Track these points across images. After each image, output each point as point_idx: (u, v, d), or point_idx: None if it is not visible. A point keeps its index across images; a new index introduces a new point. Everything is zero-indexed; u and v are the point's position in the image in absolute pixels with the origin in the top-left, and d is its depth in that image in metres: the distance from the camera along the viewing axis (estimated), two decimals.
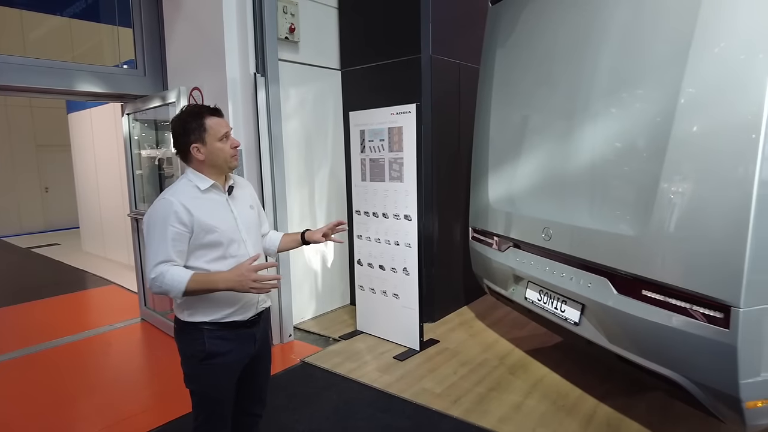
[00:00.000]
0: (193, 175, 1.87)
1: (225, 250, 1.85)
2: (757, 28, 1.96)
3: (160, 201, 1.81)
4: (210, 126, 1.82)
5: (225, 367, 1.90)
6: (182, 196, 1.81)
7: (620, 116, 2.56)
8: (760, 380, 2.06)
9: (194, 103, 1.91)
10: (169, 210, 1.76)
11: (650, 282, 2.35)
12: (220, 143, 1.84)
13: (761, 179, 1.92)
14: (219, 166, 1.88)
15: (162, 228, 1.76)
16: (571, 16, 2.95)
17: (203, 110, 1.84)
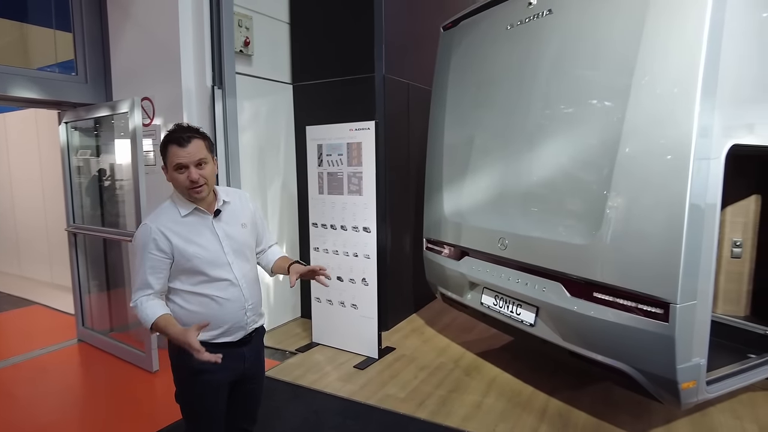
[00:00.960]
0: (177, 198, 1.86)
1: (209, 275, 1.84)
2: (685, 67, 2.33)
3: (142, 226, 1.82)
4: (169, 154, 1.77)
5: (213, 384, 1.91)
6: (163, 220, 1.81)
7: (573, 139, 2.88)
8: (692, 364, 2.42)
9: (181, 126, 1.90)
10: (148, 237, 1.78)
11: (600, 285, 2.66)
12: (176, 173, 1.78)
13: (692, 196, 2.28)
14: (184, 193, 1.82)
15: (141, 254, 1.79)
16: (516, 48, 3.27)
17: (169, 137, 1.78)
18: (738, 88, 2.43)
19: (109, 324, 4.67)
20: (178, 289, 1.85)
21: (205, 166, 1.80)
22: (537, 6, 3.10)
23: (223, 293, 1.87)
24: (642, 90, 2.48)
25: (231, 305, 1.88)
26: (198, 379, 1.87)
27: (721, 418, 3.08)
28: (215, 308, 1.86)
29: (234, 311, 1.90)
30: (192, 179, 1.76)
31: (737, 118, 2.45)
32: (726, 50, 2.30)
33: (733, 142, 2.38)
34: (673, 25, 2.37)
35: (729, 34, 2.29)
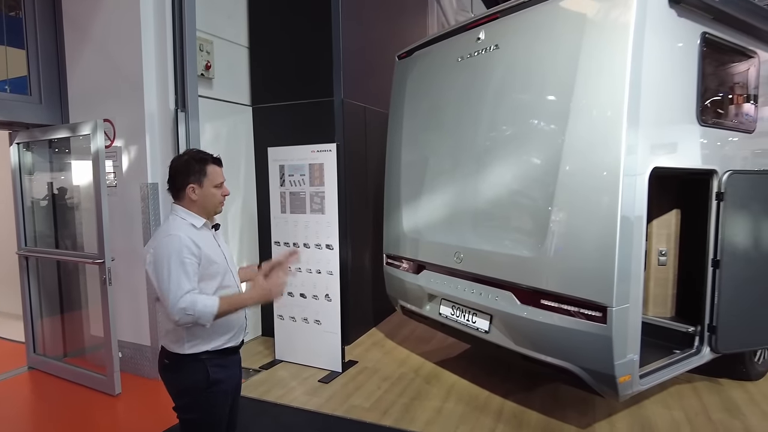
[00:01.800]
0: (185, 214, 2.00)
1: (222, 281, 2.01)
2: (614, 94, 2.67)
3: (168, 237, 1.91)
4: (210, 172, 2.01)
5: (224, 393, 2.04)
6: (185, 230, 1.95)
7: (519, 160, 3.19)
8: (627, 360, 2.74)
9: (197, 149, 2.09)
10: (181, 244, 1.89)
11: (546, 293, 2.96)
12: (214, 189, 2.02)
13: (622, 209, 2.62)
14: (208, 209, 2.04)
15: (177, 261, 1.87)
16: (467, 77, 3.58)
17: (208, 157, 2.04)
18: (657, 112, 2.81)
19: (62, 349, 4.55)
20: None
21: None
22: (485, 41, 3.43)
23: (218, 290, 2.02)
24: (579, 114, 2.81)
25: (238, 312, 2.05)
26: (213, 390, 1.98)
27: (654, 409, 3.45)
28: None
29: (239, 315, 2.06)
30: (226, 194, 2.07)
31: (658, 138, 2.83)
32: (646, 79, 2.67)
33: (654, 165, 2.75)
34: (602, 59, 2.73)
35: (648, 66, 2.67)
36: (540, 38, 3.09)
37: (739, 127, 3.40)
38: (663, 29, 2.78)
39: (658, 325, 3.65)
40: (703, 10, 2.95)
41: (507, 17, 3.31)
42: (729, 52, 3.30)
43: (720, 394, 3.67)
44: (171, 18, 3.90)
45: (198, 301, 1.84)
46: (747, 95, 3.45)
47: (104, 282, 3.72)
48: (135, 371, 4.15)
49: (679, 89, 2.97)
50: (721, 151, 3.25)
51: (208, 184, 2.00)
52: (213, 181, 2.02)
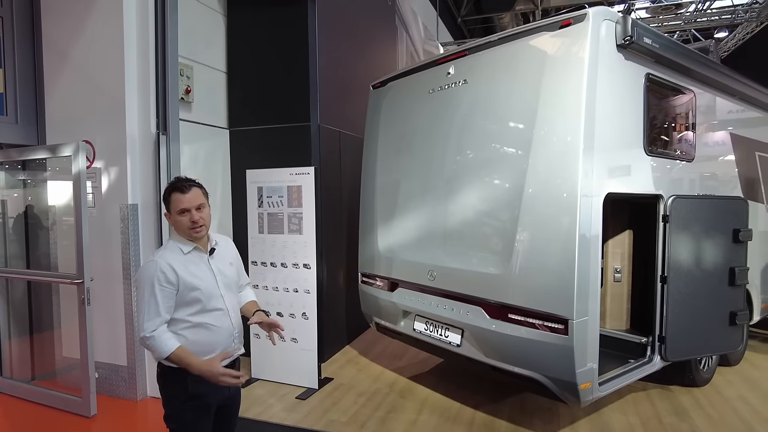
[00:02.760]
0: (176, 238, 2.16)
1: (205, 305, 2.11)
2: (572, 126, 2.97)
3: (149, 262, 2.07)
4: (173, 200, 2.11)
5: (203, 407, 2.13)
6: (168, 256, 2.08)
7: (486, 186, 3.46)
8: (587, 368, 3.00)
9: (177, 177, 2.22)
10: (157, 270, 2.02)
11: (513, 307, 3.20)
12: (179, 216, 2.10)
13: (581, 231, 2.91)
14: (183, 234, 2.14)
15: (151, 287, 2.01)
16: (438, 108, 3.84)
17: (172, 187, 2.14)
18: (609, 142, 3.13)
19: (31, 372, 4.47)
20: (177, 318, 2.07)
21: (203, 210, 2.14)
22: (454, 76, 3.72)
23: (216, 321, 2.13)
24: (541, 142, 3.10)
25: (222, 332, 2.15)
26: (192, 404, 2.09)
27: (612, 415, 3.72)
28: (208, 335, 2.11)
29: (225, 338, 2.16)
30: (193, 220, 2.09)
31: (611, 165, 3.15)
32: (599, 113, 2.99)
33: (608, 190, 3.06)
34: (561, 94, 3.04)
35: (600, 102, 2.99)
36: (505, 74, 3.40)
37: (680, 156, 3.79)
38: (613, 69, 3.13)
39: (614, 337, 3.94)
40: (646, 55, 3.33)
41: (475, 54, 3.61)
42: (669, 89, 3.70)
43: (670, 399, 3.99)
44: (154, 43, 4.04)
45: (159, 338, 1.99)
46: (686, 127, 3.85)
47: (83, 302, 3.74)
48: (110, 392, 4.13)
49: (628, 122, 3.32)
50: (666, 177, 3.62)
51: (173, 211, 2.11)
52: (176, 207, 2.10)
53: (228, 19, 5.13)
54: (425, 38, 8.31)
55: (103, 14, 4.02)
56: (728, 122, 4.40)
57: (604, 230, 3.10)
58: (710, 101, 4.11)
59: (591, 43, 2.94)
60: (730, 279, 3.69)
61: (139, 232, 4.05)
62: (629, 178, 3.33)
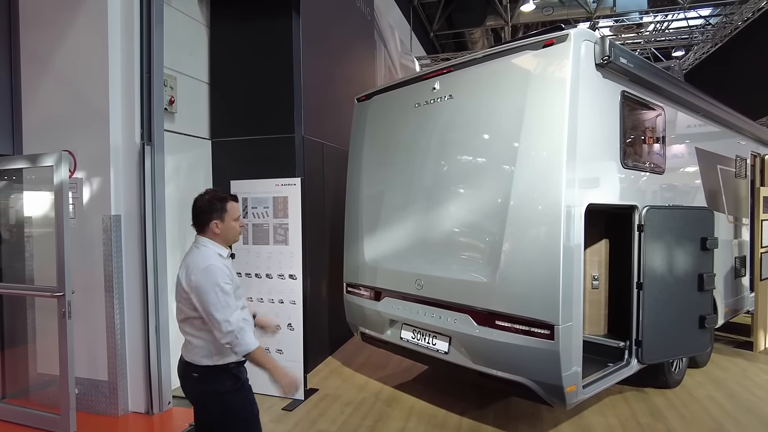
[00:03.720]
0: (213, 245, 2.32)
1: (241, 302, 2.33)
2: (556, 140, 3.12)
3: (211, 266, 2.21)
4: (230, 208, 2.34)
5: (251, 389, 2.43)
6: (218, 258, 2.28)
7: (473, 197, 3.58)
8: (572, 372, 3.13)
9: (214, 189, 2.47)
10: (222, 273, 2.22)
11: (500, 314, 3.31)
12: (233, 222, 2.35)
13: (564, 241, 3.04)
14: (229, 240, 2.38)
15: (221, 287, 2.19)
16: (424, 122, 3.96)
17: (227, 195, 2.37)
18: (590, 156, 3.30)
19: (1, 390, 4.30)
20: None
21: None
22: (440, 91, 3.84)
23: (247, 316, 2.39)
24: (525, 156, 3.24)
25: (251, 324, 2.42)
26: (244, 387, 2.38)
27: (592, 417, 3.86)
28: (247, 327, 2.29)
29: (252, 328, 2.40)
30: (241, 225, 2.43)
31: (591, 178, 3.31)
32: (580, 128, 3.15)
33: (589, 201, 3.22)
34: (545, 109, 3.19)
35: (581, 117, 3.15)
36: (490, 90, 3.54)
37: (652, 169, 4.01)
38: (592, 87, 3.31)
39: (593, 342, 4.10)
40: (621, 73, 3.53)
41: (460, 71, 3.75)
42: (642, 106, 3.92)
43: (645, 401, 4.17)
44: (139, 53, 4.01)
45: (245, 333, 2.18)
46: (657, 142, 4.08)
47: (63, 315, 3.64)
48: (90, 409, 4.02)
49: (606, 137, 3.50)
50: (640, 189, 3.82)
51: (229, 218, 2.34)
52: (232, 215, 2.35)
53: (211, 31, 5.13)
54: (402, 52, 8.48)
55: (86, 25, 3.96)
56: (693, 137, 4.68)
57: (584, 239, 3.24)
58: (678, 117, 4.37)
59: (573, 62, 3.11)
60: (699, 285, 3.91)
61: (122, 244, 3.98)
62: (608, 189, 3.51)
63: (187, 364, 2.30)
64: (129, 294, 4.03)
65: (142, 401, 4.05)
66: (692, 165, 4.62)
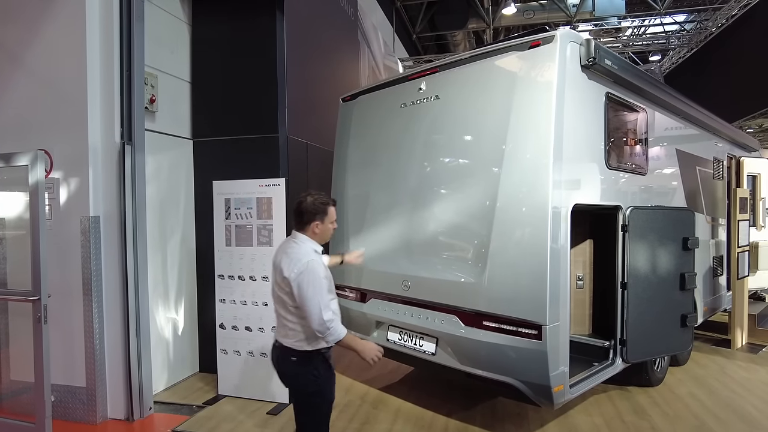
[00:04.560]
0: (310, 242, 2.58)
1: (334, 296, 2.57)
2: (542, 141, 3.13)
3: (311, 261, 2.45)
4: (330, 212, 2.62)
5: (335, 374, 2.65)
6: (314, 254, 2.53)
7: (460, 198, 3.57)
8: (560, 372, 3.14)
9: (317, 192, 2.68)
10: (320, 267, 2.47)
11: (488, 315, 3.31)
12: (331, 224, 2.64)
13: (551, 241, 3.05)
14: (324, 239, 2.65)
15: (321, 280, 2.43)
16: (410, 122, 3.94)
17: (329, 201, 2.64)
18: (575, 157, 3.33)
19: None
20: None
21: None
22: (426, 91, 3.83)
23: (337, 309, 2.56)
24: (512, 157, 3.25)
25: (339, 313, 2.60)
26: (331, 373, 2.61)
27: (578, 417, 3.89)
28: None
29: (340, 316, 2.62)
30: (335, 228, 2.71)
31: (577, 178, 3.34)
32: (566, 129, 3.17)
33: (575, 201, 3.24)
34: (531, 110, 3.21)
35: (567, 118, 3.17)
36: (476, 91, 3.54)
37: (635, 170, 4.06)
38: (578, 88, 3.33)
39: (578, 341, 4.12)
40: (605, 75, 3.57)
41: (446, 71, 3.74)
42: (626, 107, 3.97)
43: (629, 399, 4.21)
44: (119, 50, 3.92)
45: (337, 323, 2.44)
46: (640, 143, 4.14)
47: (39, 320, 3.51)
48: (67, 416, 3.89)
49: (591, 138, 3.53)
50: (624, 189, 3.87)
51: (327, 221, 2.61)
52: (331, 218, 2.64)
53: (193, 29, 5.04)
54: (385, 53, 8.48)
55: (63, 20, 3.85)
56: (674, 139, 4.77)
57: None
58: (659, 119, 4.44)
59: (559, 63, 3.13)
60: (681, 284, 3.97)
61: (101, 246, 3.87)
62: (593, 190, 3.54)
63: (285, 349, 2.55)
64: (108, 297, 3.92)
65: (122, 407, 3.95)
66: (673, 166, 4.71)
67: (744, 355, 5.55)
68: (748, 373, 4.91)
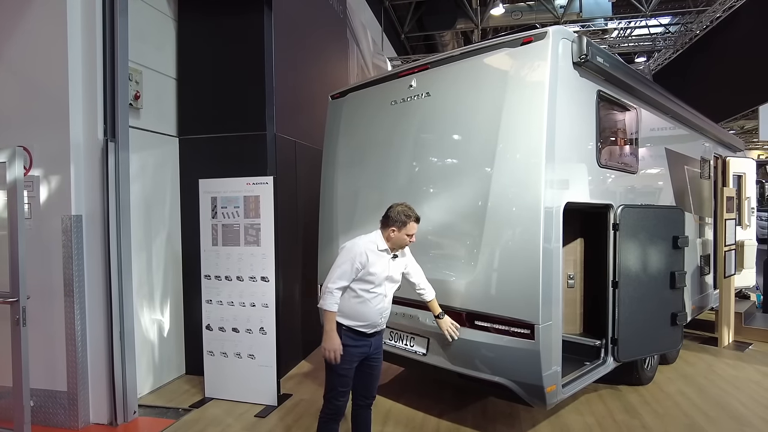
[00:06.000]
0: (378, 238, 2.92)
1: (373, 288, 2.87)
2: (534, 138, 3.10)
3: (356, 245, 2.86)
4: (409, 226, 2.90)
5: (349, 356, 2.87)
6: (368, 245, 2.86)
7: (451, 197, 3.52)
8: (552, 371, 3.11)
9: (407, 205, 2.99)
10: (360, 252, 2.82)
11: (480, 314, 3.27)
12: (404, 235, 2.90)
13: (544, 240, 3.02)
14: (396, 245, 2.94)
15: (351, 260, 2.81)
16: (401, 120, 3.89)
17: (412, 215, 2.92)
18: (567, 155, 3.30)
19: None
20: (353, 288, 2.85)
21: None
22: (417, 88, 3.79)
23: (374, 301, 2.88)
24: (504, 156, 3.22)
25: (374, 310, 2.89)
26: (344, 350, 2.83)
27: (569, 416, 3.87)
28: (364, 308, 2.87)
29: (374, 314, 2.91)
30: (411, 242, 2.97)
31: (569, 177, 3.31)
32: (558, 127, 3.14)
33: (567, 200, 3.21)
34: (523, 107, 3.17)
35: (559, 116, 3.14)
36: (467, 88, 3.50)
37: (626, 169, 4.06)
38: (570, 85, 3.31)
39: (570, 341, 4.10)
40: (597, 72, 3.55)
41: (437, 68, 3.70)
42: (617, 106, 3.96)
43: (620, 398, 4.21)
44: (102, 45, 3.81)
45: (333, 296, 2.79)
46: (631, 142, 4.14)
47: (17, 323, 3.40)
48: (46, 422, 3.77)
49: (583, 136, 3.51)
50: (615, 188, 3.86)
51: (404, 232, 2.89)
52: (408, 231, 2.90)
53: (179, 24, 4.94)
54: (374, 52, 8.42)
55: (43, 11, 3.74)
56: (663, 138, 4.78)
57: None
58: (650, 118, 4.44)
59: (551, 60, 3.10)
60: (671, 282, 3.98)
61: (83, 245, 3.76)
62: (584, 188, 3.52)
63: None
64: (91, 298, 3.81)
65: (105, 412, 3.84)
66: (662, 165, 4.72)
67: (731, 353, 5.60)
68: (736, 371, 4.94)
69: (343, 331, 2.85)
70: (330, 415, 2.97)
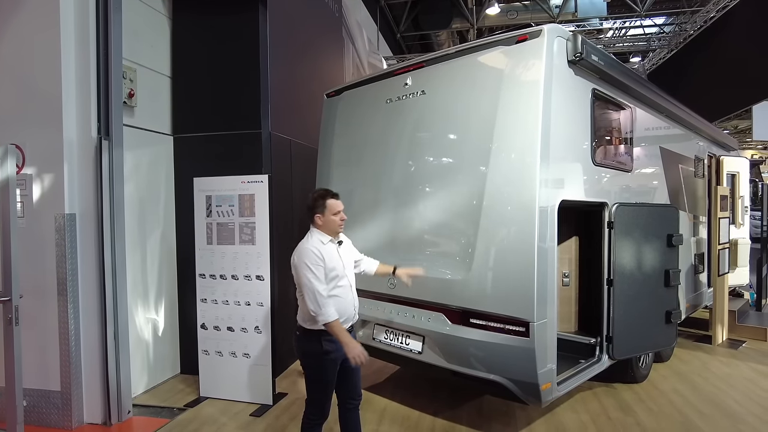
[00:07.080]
0: (317, 234, 2.83)
1: (337, 281, 2.79)
2: (529, 137, 3.09)
3: (303, 249, 2.74)
4: (329, 204, 2.82)
5: (333, 362, 2.78)
6: (315, 245, 2.76)
7: (446, 196, 3.52)
8: (547, 369, 3.11)
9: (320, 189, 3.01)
10: (310, 254, 2.71)
11: (475, 312, 3.27)
12: (333, 216, 2.82)
13: (539, 238, 3.03)
14: (332, 230, 2.85)
15: (312, 265, 2.69)
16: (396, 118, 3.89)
17: (326, 194, 2.86)
18: (562, 154, 3.30)
19: None
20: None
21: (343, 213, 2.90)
22: (412, 87, 3.78)
23: (343, 294, 2.82)
24: (499, 154, 3.22)
25: (347, 302, 2.85)
26: (325, 358, 2.75)
27: (564, 414, 3.88)
28: (339, 303, 2.77)
29: (348, 306, 2.86)
30: (342, 219, 2.88)
31: (563, 175, 3.31)
32: (553, 125, 3.14)
33: (561, 198, 3.22)
34: (518, 105, 3.17)
35: (554, 114, 3.14)
36: (463, 86, 3.50)
37: (621, 167, 4.07)
38: (565, 84, 3.31)
39: (564, 339, 4.11)
40: (592, 71, 3.56)
41: (432, 66, 3.70)
42: (612, 104, 3.97)
43: (615, 396, 4.22)
44: (95, 42, 3.78)
45: (329, 305, 2.66)
46: (625, 140, 4.15)
47: (10, 322, 3.37)
48: (40, 422, 3.75)
49: (578, 134, 3.52)
50: (610, 186, 3.87)
51: (328, 213, 2.82)
52: (332, 210, 2.83)
53: (173, 23, 4.92)
54: (370, 51, 8.41)
55: (37, 9, 3.71)
56: (658, 137, 4.80)
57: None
58: (644, 117, 4.45)
59: (546, 58, 3.10)
60: (665, 280, 3.99)
61: (77, 244, 3.74)
62: (579, 187, 3.52)
63: (296, 323, 2.86)
64: (85, 297, 3.79)
65: (99, 412, 3.82)
66: (657, 164, 4.73)
67: (725, 350, 5.62)
68: (730, 369, 4.97)
69: (323, 338, 2.73)
70: (316, 420, 2.91)
